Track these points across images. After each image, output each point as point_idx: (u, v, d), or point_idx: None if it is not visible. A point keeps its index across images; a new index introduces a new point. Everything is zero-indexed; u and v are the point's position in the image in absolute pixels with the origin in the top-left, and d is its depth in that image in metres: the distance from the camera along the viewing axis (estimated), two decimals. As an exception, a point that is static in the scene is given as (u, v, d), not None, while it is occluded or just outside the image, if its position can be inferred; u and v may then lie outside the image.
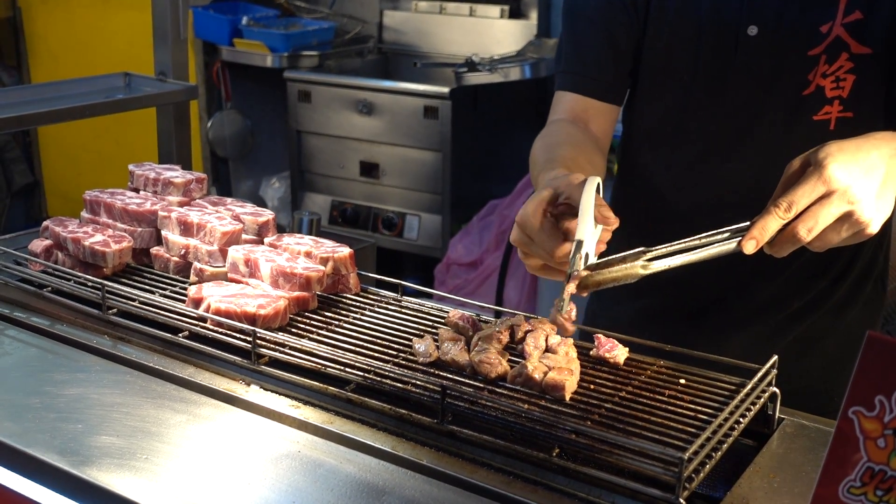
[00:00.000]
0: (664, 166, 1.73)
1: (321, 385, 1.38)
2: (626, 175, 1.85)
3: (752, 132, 1.62)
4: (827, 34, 1.53)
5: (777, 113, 1.60)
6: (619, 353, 1.45)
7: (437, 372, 1.40)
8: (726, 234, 1.30)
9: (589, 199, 1.24)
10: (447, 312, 1.61)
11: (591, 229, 1.25)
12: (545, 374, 1.34)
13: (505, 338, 1.48)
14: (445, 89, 3.90)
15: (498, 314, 1.75)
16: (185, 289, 1.63)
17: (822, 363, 1.77)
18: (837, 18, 1.52)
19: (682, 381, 1.40)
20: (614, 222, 1.28)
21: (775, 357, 1.40)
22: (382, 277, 1.75)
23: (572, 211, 1.27)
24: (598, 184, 1.27)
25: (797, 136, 1.59)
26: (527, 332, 1.49)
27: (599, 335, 1.49)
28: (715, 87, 1.62)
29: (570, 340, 1.47)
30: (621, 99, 1.74)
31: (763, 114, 1.61)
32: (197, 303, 1.55)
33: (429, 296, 1.77)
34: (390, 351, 1.47)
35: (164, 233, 1.75)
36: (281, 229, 1.88)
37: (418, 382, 1.34)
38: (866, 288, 1.78)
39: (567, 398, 1.32)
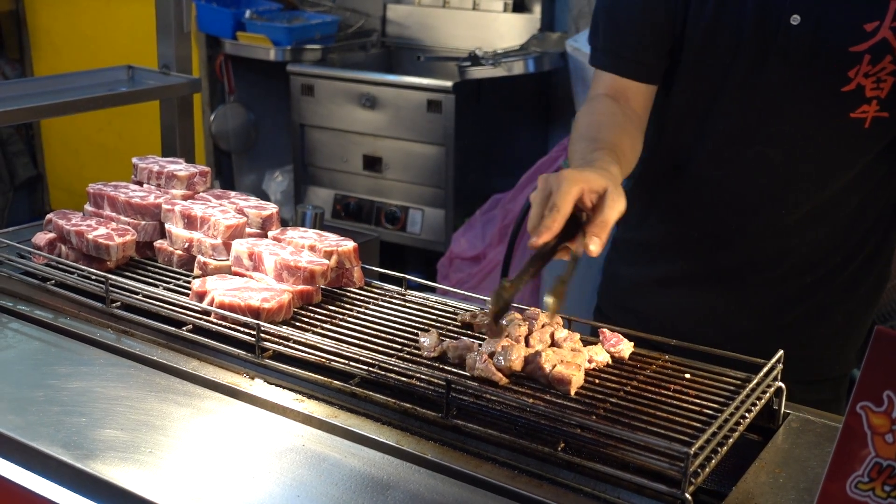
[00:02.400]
0: (695, 143, 1.75)
1: (325, 379, 1.38)
2: (653, 147, 1.86)
3: (786, 119, 1.65)
4: (872, 34, 1.55)
5: (811, 104, 1.63)
6: (624, 348, 1.45)
7: (441, 366, 1.40)
8: None
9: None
10: (451, 307, 1.60)
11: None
12: (554, 366, 1.33)
13: (523, 334, 1.46)
14: (449, 83, 3.89)
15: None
16: (189, 282, 1.63)
17: (829, 333, 1.82)
18: (886, 20, 1.54)
19: (688, 375, 1.40)
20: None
21: (781, 352, 1.40)
22: (386, 271, 1.75)
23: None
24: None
25: (830, 129, 1.64)
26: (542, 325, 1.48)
27: (604, 329, 1.48)
28: (752, 70, 1.64)
29: (577, 335, 1.47)
30: (659, 78, 1.75)
31: (797, 103, 1.64)
32: (201, 296, 1.55)
33: (432, 290, 1.77)
34: (394, 345, 1.47)
35: (167, 226, 1.75)
36: (284, 223, 1.88)
37: (423, 377, 1.34)
38: (878, 265, 1.83)
39: (572, 393, 1.32)
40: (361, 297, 1.66)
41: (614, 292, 1.97)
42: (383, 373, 1.36)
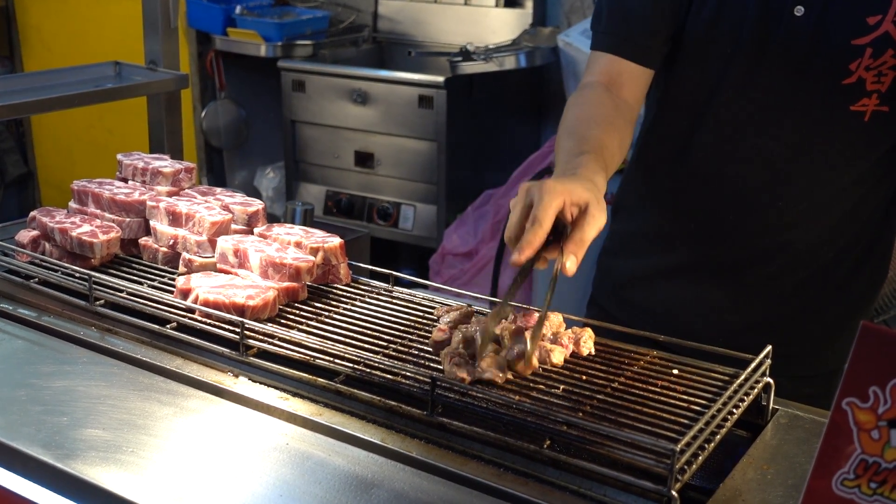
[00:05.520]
0: (693, 133, 1.73)
1: (310, 377, 1.37)
2: (651, 136, 1.85)
3: (787, 111, 1.64)
4: (875, 27, 1.55)
5: (811, 96, 1.62)
6: (584, 348, 1.43)
7: (427, 363, 1.38)
8: None
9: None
10: (437, 303, 1.59)
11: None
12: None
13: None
14: (440, 78, 3.88)
15: (493, 304, 1.74)
16: (174, 279, 1.62)
17: (823, 329, 1.81)
18: (889, 14, 1.54)
19: (675, 371, 1.39)
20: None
21: (769, 347, 1.39)
22: (374, 268, 1.73)
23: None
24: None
25: (831, 122, 1.63)
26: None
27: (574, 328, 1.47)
28: (753, 61, 1.63)
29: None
30: (657, 63, 1.73)
31: (797, 94, 1.63)
32: (185, 294, 1.54)
33: (423, 286, 1.76)
34: (380, 342, 1.45)
35: (152, 223, 1.74)
36: (276, 219, 1.87)
37: (408, 374, 1.32)
38: (872, 262, 1.82)
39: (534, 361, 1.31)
40: (348, 294, 1.64)
41: (609, 283, 1.95)
42: (368, 370, 1.35)
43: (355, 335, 1.47)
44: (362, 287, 1.68)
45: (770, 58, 1.61)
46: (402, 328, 1.51)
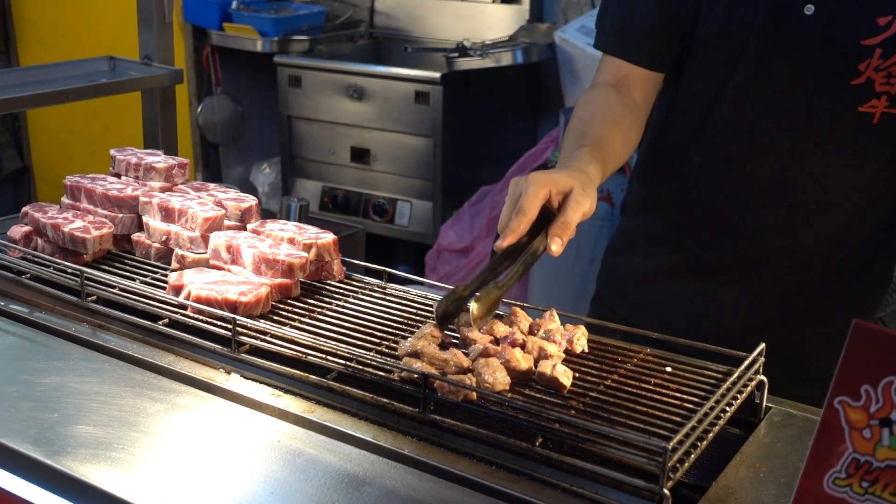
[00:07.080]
0: (701, 132, 1.73)
1: (302, 373, 1.36)
2: (659, 135, 1.85)
3: (794, 111, 1.64)
4: (885, 28, 1.54)
5: (819, 96, 1.61)
6: (577, 345, 1.43)
7: (420, 360, 1.38)
8: None
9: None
10: (431, 300, 1.58)
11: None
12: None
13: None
14: (437, 74, 3.87)
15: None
16: (166, 275, 1.61)
17: (826, 332, 1.80)
18: None
19: (669, 369, 1.38)
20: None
21: (763, 345, 1.38)
22: (369, 265, 1.73)
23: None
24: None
25: (839, 122, 1.62)
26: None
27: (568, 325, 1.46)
28: (762, 60, 1.62)
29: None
30: (666, 65, 1.75)
31: (805, 94, 1.62)
32: (177, 290, 1.53)
33: (417, 283, 1.75)
34: (373, 339, 1.45)
35: (145, 219, 1.73)
36: (272, 215, 1.86)
37: (401, 371, 1.32)
38: (875, 267, 1.81)
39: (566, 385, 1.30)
40: (341, 291, 1.64)
41: (614, 281, 1.95)
42: (361, 367, 1.34)
43: (348, 332, 1.47)
44: (356, 284, 1.67)
45: (778, 57, 1.61)
46: (395, 325, 1.50)
